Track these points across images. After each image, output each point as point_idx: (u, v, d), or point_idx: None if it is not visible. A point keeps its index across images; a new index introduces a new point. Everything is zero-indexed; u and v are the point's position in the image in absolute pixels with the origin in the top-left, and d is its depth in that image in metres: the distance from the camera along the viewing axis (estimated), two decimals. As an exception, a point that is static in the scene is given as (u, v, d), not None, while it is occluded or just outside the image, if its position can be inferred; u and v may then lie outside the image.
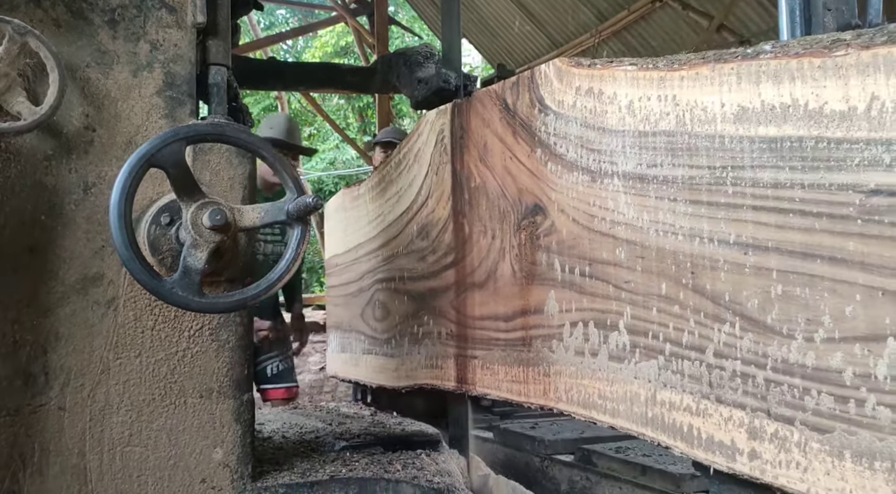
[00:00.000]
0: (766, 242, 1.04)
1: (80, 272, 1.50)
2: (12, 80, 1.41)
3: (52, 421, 1.45)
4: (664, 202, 1.20)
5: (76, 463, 1.46)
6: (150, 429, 1.52)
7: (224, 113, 1.68)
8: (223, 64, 1.70)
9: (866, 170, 0.92)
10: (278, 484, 1.61)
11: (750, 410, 1.07)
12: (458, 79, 2.07)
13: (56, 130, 1.50)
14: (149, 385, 1.53)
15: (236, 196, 1.62)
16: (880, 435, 0.90)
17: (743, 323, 1.07)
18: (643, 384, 1.24)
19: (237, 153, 1.63)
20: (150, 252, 1.50)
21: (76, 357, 1.48)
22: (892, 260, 0.90)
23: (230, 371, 1.60)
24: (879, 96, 0.90)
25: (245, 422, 1.60)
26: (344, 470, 1.72)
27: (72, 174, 1.51)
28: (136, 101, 1.57)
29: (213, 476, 1.56)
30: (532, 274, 1.52)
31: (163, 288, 1.36)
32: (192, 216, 1.41)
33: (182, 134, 1.39)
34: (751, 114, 1.06)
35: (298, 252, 1.48)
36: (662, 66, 1.21)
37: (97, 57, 1.55)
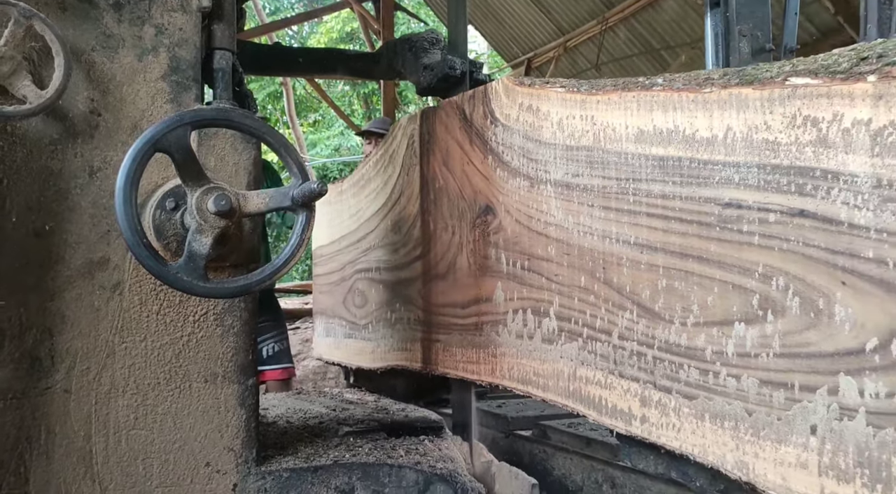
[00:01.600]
0: (655, 243, 1.25)
1: (85, 256, 1.50)
2: (18, 64, 1.41)
3: (58, 404, 1.46)
4: (584, 207, 1.41)
5: (82, 446, 1.47)
6: (155, 413, 1.53)
7: (229, 98, 1.68)
8: (228, 48, 1.69)
9: (722, 187, 1.12)
10: (282, 469, 1.62)
11: (642, 382, 1.28)
12: (463, 65, 2.06)
13: (62, 114, 1.49)
14: (154, 369, 1.54)
15: (241, 181, 1.62)
16: (728, 400, 1.12)
17: (639, 311, 1.28)
18: (566, 362, 1.46)
19: (242, 139, 1.62)
20: (156, 237, 1.50)
21: (82, 340, 1.49)
22: (738, 260, 1.11)
23: (235, 356, 1.61)
24: (732, 127, 1.11)
25: (249, 407, 1.61)
26: (347, 455, 1.74)
27: (77, 158, 1.51)
28: (142, 86, 1.57)
29: (218, 459, 1.57)
30: (484, 267, 1.71)
31: (168, 273, 1.37)
32: (197, 201, 1.41)
33: (187, 118, 1.39)
34: (646, 136, 1.26)
35: (303, 238, 1.48)
36: (584, 89, 1.41)
37: (102, 40, 1.54)
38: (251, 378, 1.63)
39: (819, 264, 1.00)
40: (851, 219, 0.95)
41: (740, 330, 1.11)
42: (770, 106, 1.06)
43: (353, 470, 1.66)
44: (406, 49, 2.29)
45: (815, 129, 1.00)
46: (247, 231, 1.62)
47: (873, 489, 0.92)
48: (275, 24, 10.13)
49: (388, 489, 1.67)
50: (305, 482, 1.62)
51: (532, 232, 1.55)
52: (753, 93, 1.08)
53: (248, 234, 1.62)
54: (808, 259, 1.01)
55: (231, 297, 1.58)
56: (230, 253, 1.58)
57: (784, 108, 1.04)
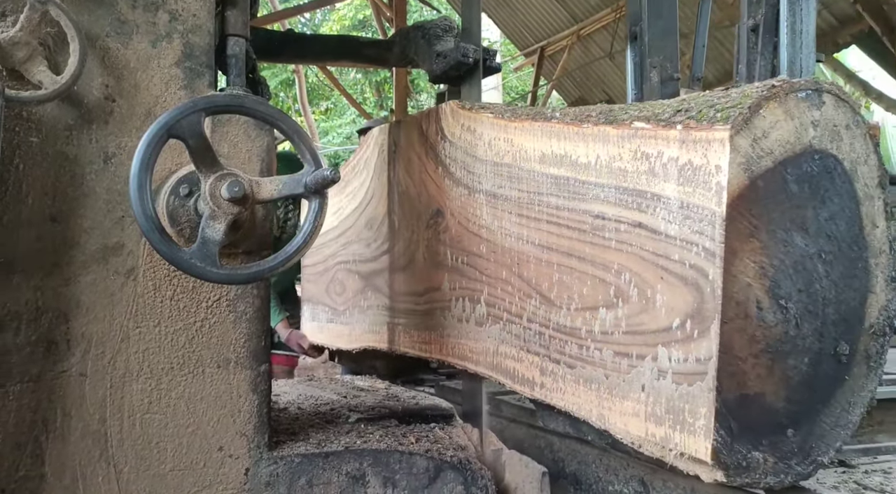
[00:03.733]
0: (552, 245, 1.53)
1: (100, 241, 1.51)
2: (33, 49, 1.41)
3: (73, 388, 1.48)
4: (505, 213, 1.67)
5: (97, 429, 1.49)
6: (168, 397, 1.55)
7: (242, 84, 1.68)
8: (242, 35, 1.69)
9: (594, 202, 1.41)
10: (294, 454, 1.63)
11: (541, 356, 1.56)
12: (476, 52, 2.04)
13: (77, 100, 1.50)
14: (167, 354, 1.55)
15: (254, 168, 1.63)
16: (594, 368, 1.42)
17: (541, 299, 1.56)
18: (491, 341, 1.73)
19: (255, 125, 1.63)
20: (169, 223, 1.51)
21: (97, 325, 1.50)
22: (602, 260, 1.40)
23: (247, 342, 1.62)
24: (600, 156, 1.40)
25: (262, 393, 1.63)
26: (358, 442, 1.75)
27: (92, 144, 1.52)
28: (156, 72, 1.57)
29: (231, 444, 1.59)
30: (435, 261, 1.96)
31: (182, 259, 1.37)
32: (210, 187, 1.42)
33: (201, 105, 1.39)
34: (546, 158, 1.54)
35: (316, 225, 1.48)
36: (507, 116, 1.68)
37: (116, 26, 1.55)
38: (263, 364, 1.64)
39: (649, 263, 1.29)
40: (667, 231, 1.25)
41: (603, 314, 1.40)
42: (622, 142, 1.35)
43: (364, 457, 1.67)
44: (419, 36, 2.28)
45: (647, 162, 1.29)
46: (259, 217, 1.62)
47: (675, 428, 1.24)
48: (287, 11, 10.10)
49: (399, 475, 1.68)
50: (317, 467, 1.63)
51: (469, 232, 1.81)
52: (613, 130, 1.37)
53: (261, 221, 1.63)
54: (642, 260, 1.30)
55: (244, 283, 1.59)
56: (243, 239, 1.58)
57: (630, 144, 1.33)
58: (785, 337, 1.21)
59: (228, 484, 1.57)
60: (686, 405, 1.20)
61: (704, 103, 1.24)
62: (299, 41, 2.86)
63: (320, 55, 3.00)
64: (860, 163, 1.26)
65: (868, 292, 1.29)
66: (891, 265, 1.31)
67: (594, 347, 1.41)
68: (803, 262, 1.22)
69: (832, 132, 1.24)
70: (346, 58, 2.90)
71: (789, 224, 1.21)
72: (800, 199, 1.21)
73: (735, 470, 1.19)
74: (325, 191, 1.49)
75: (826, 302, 1.25)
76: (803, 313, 1.22)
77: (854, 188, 1.26)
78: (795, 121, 1.20)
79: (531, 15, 10.56)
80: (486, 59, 2.07)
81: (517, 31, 10.91)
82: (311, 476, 1.62)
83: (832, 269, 1.25)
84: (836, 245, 1.25)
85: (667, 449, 1.26)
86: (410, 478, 1.68)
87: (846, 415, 1.28)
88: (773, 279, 1.19)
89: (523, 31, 10.84)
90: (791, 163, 1.20)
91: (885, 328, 1.31)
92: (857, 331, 1.29)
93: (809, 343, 1.24)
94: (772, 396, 1.21)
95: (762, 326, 1.19)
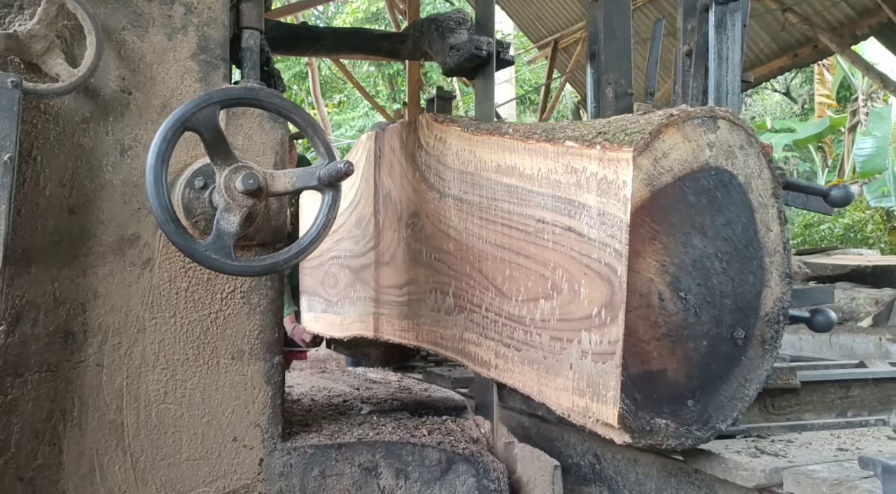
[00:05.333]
0: (505, 244, 1.72)
1: (116, 233, 1.53)
2: (51, 42, 1.42)
3: (90, 377, 1.50)
4: (469, 216, 1.85)
5: (114, 419, 1.51)
6: (184, 388, 1.56)
7: (257, 77, 1.68)
8: (256, 28, 1.70)
9: (537, 208, 1.60)
10: (307, 445, 1.64)
11: (496, 341, 1.75)
12: (490, 45, 2.03)
13: (93, 93, 1.51)
14: (183, 345, 1.56)
15: (269, 161, 1.63)
16: (536, 351, 1.61)
17: (496, 291, 1.75)
18: (458, 329, 1.91)
19: (270, 118, 1.63)
20: (185, 215, 1.52)
21: (113, 315, 1.52)
22: (543, 258, 1.58)
23: (261, 333, 1.63)
24: (541, 168, 1.59)
25: (275, 384, 1.64)
26: (371, 434, 1.75)
27: (109, 136, 1.53)
28: (171, 65, 1.58)
29: (245, 434, 1.60)
30: (413, 257, 2.13)
31: (197, 251, 1.38)
32: (225, 180, 1.42)
33: (216, 98, 1.40)
34: (501, 169, 1.73)
35: (329, 217, 1.49)
36: (471, 130, 1.87)
37: (133, 19, 1.56)
38: (277, 355, 1.65)
39: (576, 262, 1.49)
40: (589, 234, 1.45)
41: (542, 304, 1.59)
42: (557, 157, 1.54)
43: (376, 448, 1.68)
44: (432, 29, 2.27)
45: (576, 175, 1.49)
46: (274, 210, 1.63)
47: (593, 399, 1.44)
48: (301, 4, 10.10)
49: (412, 467, 1.68)
50: (330, 458, 1.64)
51: (440, 232, 1.98)
52: (551, 147, 1.56)
53: (276, 213, 1.64)
54: (572, 258, 1.50)
55: (258, 275, 1.60)
56: (257, 231, 1.59)
57: (563, 160, 1.53)
58: (685, 323, 1.41)
59: (243, 474, 1.59)
60: (601, 380, 1.42)
61: (619, 127, 1.45)
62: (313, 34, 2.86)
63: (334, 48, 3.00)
64: (754, 177, 1.47)
65: (763, 286, 1.49)
66: (785, 263, 1.51)
67: (535, 333, 1.61)
68: (702, 261, 1.43)
69: (727, 151, 1.44)
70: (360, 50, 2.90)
71: (689, 229, 1.41)
72: (698, 208, 1.42)
73: (640, 434, 1.39)
74: (338, 184, 1.49)
75: (723, 295, 1.45)
76: (702, 303, 1.42)
77: (749, 198, 1.46)
78: (692, 143, 1.41)
79: (545, 7, 10.50)
80: (500, 51, 2.06)
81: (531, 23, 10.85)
82: (324, 467, 1.63)
83: (729, 267, 1.45)
84: (733, 246, 1.45)
85: (587, 417, 1.47)
86: (423, 470, 1.69)
87: (742, 390, 1.49)
88: (674, 275, 1.40)
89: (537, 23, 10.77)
90: (689, 178, 1.41)
91: (779, 316, 1.50)
92: (753, 319, 1.48)
93: (708, 328, 1.43)
94: (673, 372, 1.42)
95: (664, 314, 1.39)
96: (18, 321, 1.44)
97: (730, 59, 2.22)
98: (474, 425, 1.97)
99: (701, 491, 1.61)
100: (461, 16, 2.22)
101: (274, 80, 1.91)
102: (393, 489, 1.67)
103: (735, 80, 2.21)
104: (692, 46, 2.33)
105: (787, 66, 7.75)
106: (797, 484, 1.38)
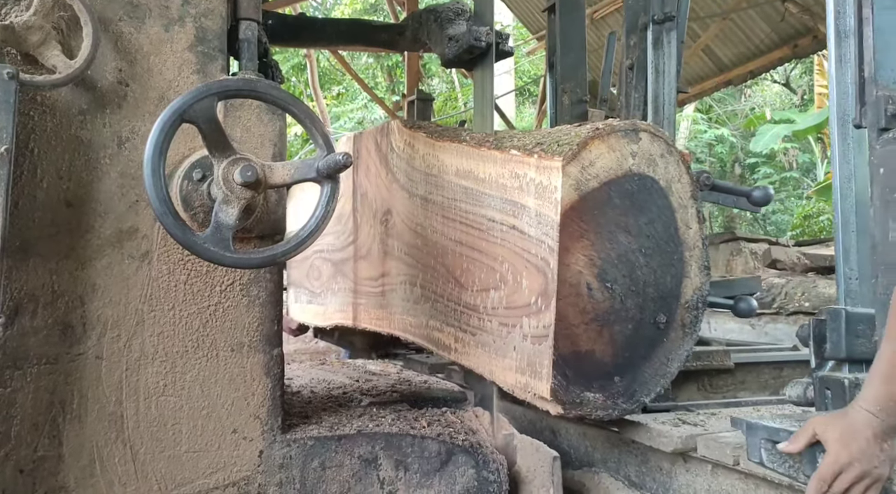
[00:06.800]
0: (463, 240, 1.89)
1: (114, 225, 1.52)
2: (47, 33, 1.41)
3: (89, 370, 1.50)
4: (434, 215, 2.02)
5: (113, 411, 1.51)
6: (183, 380, 1.56)
7: (254, 69, 1.68)
8: (254, 19, 1.68)
9: (488, 208, 1.78)
10: (307, 437, 1.64)
11: (455, 327, 1.92)
12: (489, 36, 2.03)
13: (90, 84, 1.50)
14: (182, 337, 1.56)
15: (267, 153, 1.63)
16: (487, 335, 1.78)
17: (455, 283, 1.92)
18: (424, 317, 2.07)
19: (268, 110, 1.62)
20: (183, 207, 1.51)
21: (112, 308, 1.52)
22: (493, 253, 1.75)
23: (260, 326, 1.63)
24: (491, 173, 1.78)
25: (275, 376, 1.64)
26: (371, 425, 1.76)
27: (106, 128, 1.52)
28: (168, 56, 1.57)
29: (245, 426, 1.60)
30: (386, 252, 2.30)
31: (195, 243, 1.38)
32: (223, 172, 1.42)
33: (214, 89, 1.39)
34: (459, 172, 1.91)
35: (328, 209, 1.49)
36: (435, 136, 2.04)
37: (129, 10, 1.55)
38: (276, 347, 1.65)
39: (519, 256, 1.65)
40: (529, 232, 1.62)
41: (493, 294, 1.75)
42: (504, 164, 1.72)
43: (376, 440, 1.68)
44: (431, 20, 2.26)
45: (518, 180, 1.66)
46: (273, 202, 1.62)
47: (531, 376, 1.62)
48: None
49: (411, 459, 1.69)
50: (329, 450, 1.64)
51: (409, 229, 2.14)
52: (499, 154, 1.75)
53: (274, 205, 1.63)
54: (516, 253, 1.67)
55: (257, 268, 1.59)
56: (256, 224, 1.59)
57: (509, 166, 1.70)
58: (611, 309, 1.60)
59: (242, 466, 1.59)
60: (537, 359, 1.59)
61: (554, 139, 1.63)
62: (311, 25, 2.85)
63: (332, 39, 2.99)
64: (674, 181, 1.66)
65: (684, 277, 1.68)
66: (703, 256, 1.69)
67: (487, 319, 1.78)
68: (627, 255, 1.61)
69: (649, 160, 1.63)
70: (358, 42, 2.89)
71: (614, 227, 1.59)
72: (623, 209, 1.60)
73: (570, 405, 1.59)
74: (337, 176, 1.48)
75: (647, 284, 1.63)
76: (627, 292, 1.61)
77: (669, 200, 1.65)
78: (617, 153, 1.59)
79: (544, -2, 10.45)
80: (499, 42, 2.05)
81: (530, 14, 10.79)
82: (323, 458, 1.64)
83: (652, 260, 1.63)
84: (655, 242, 1.64)
85: (527, 392, 1.64)
86: (422, 461, 1.69)
87: (665, 367, 1.68)
88: (601, 267, 1.59)
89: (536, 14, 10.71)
90: (614, 183, 1.59)
91: (698, 303, 1.69)
92: (675, 306, 1.67)
93: (632, 314, 1.62)
94: (601, 353, 1.61)
95: (592, 302, 1.58)
96: (17, 313, 1.44)
97: (666, 72, 2.45)
98: (474, 417, 1.98)
99: (637, 459, 1.85)
100: (460, 6, 2.21)
101: (272, 71, 1.90)
102: (392, 480, 1.67)
103: (671, 91, 2.44)
104: (634, 61, 2.55)
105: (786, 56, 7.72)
106: (707, 448, 1.62)
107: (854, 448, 1.12)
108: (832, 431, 1.16)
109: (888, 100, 1.33)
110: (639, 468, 1.85)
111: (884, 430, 1.12)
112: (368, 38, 2.81)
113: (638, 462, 1.86)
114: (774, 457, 1.29)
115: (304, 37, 2.83)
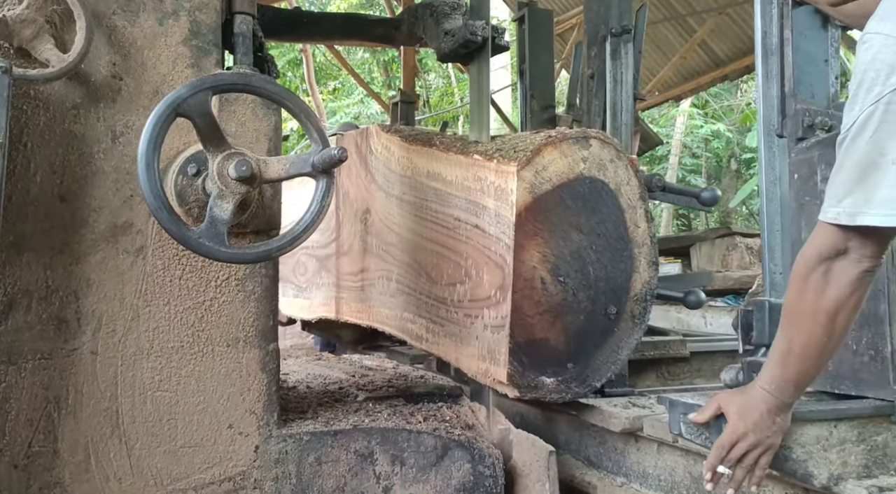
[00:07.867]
0: (433, 238, 1.99)
1: (109, 220, 1.52)
2: (40, 27, 1.41)
3: (84, 365, 1.49)
4: (408, 214, 2.12)
5: (108, 406, 1.51)
6: (179, 375, 1.56)
7: (250, 63, 1.67)
8: (249, 13, 1.68)
9: (455, 208, 1.89)
10: (303, 432, 1.64)
11: (426, 319, 2.03)
12: (485, 30, 2.02)
13: (84, 78, 1.50)
14: (177, 332, 1.56)
15: (262, 147, 1.62)
16: (454, 326, 1.89)
17: (426, 277, 2.02)
18: (399, 309, 2.17)
19: (263, 104, 1.62)
20: (178, 202, 1.51)
21: (107, 303, 1.51)
22: (459, 249, 1.87)
23: (256, 321, 1.62)
24: (457, 176, 1.89)
25: (270, 371, 1.64)
26: (366, 420, 1.76)
27: (100, 123, 1.52)
28: (163, 50, 1.57)
29: (240, 421, 1.60)
30: (366, 249, 2.41)
31: (190, 238, 1.37)
32: (218, 167, 1.41)
33: (208, 83, 1.38)
34: (431, 175, 2.01)
35: (323, 204, 1.48)
36: (409, 139, 2.15)
37: (123, 4, 1.54)
38: (272, 343, 1.65)
39: (481, 253, 1.77)
40: (489, 230, 1.74)
41: (459, 287, 1.87)
42: (468, 167, 1.84)
43: (372, 435, 1.68)
44: (427, 14, 2.25)
45: (480, 183, 1.79)
46: (268, 197, 1.62)
47: (491, 363, 1.73)
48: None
49: (407, 454, 1.69)
50: (325, 445, 1.64)
51: (387, 227, 2.25)
52: (464, 158, 1.86)
53: (270, 200, 1.63)
54: (478, 250, 1.78)
55: (252, 263, 1.59)
56: (252, 219, 1.58)
57: (472, 170, 1.82)
58: (564, 302, 1.72)
59: (238, 461, 1.59)
60: (496, 347, 1.71)
61: (512, 145, 1.76)
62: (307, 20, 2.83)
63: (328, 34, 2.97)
64: (623, 184, 1.78)
65: (633, 272, 1.79)
66: (652, 253, 1.81)
67: (454, 311, 1.89)
68: (579, 252, 1.73)
69: (599, 164, 1.75)
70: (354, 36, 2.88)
71: (567, 226, 1.72)
72: (575, 210, 1.72)
73: (526, 389, 1.71)
74: (332, 171, 1.48)
75: (598, 279, 1.76)
76: (579, 286, 1.74)
77: (619, 201, 1.77)
78: (568, 158, 1.72)
79: (540, -7, 10.42)
80: (495, 37, 2.04)
81: (526, 9, 10.78)
82: (319, 453, 1.64)
83: (602, 256, 1.76)
84: (606, 240, 1.76)
85: (488, 377, 1.77)
86: (418, 456, 1.69)
87: (615, 355, 1.80)
88: (554, 263, 1.71)
89: (532, 9, 10.70)
90: (566, 186, 1.71)
91: (646, 296, 1.81)
92: (624, 298, 1.79)
93: (584, 306, 1.75)
94: (554, 341, 1.73)
95: (546, 295, 1.70)
96: (11, 309, 1.43)
97: (623, 81, 2.62)
98: (470, 412, 1.98)
99: (595, 440, 2.01)
100: (456, 1, 2.20)
101: (267, 65, 1.89)
102: (388, 475, 1.67)
103: (628, 99, 2.61)
104: (594, 70, 2.71)
105: (783, 52, 7.72)
106: (652, 428, 1.73)
107: (750, 421, 1.27)
108: (733, 405, 1.31)
109: (805, 112, 1.51)
110: (596, 449, 2.01)
111: (777, 406, 1.26)
112: (364, 32, 2.79)
113: (596, 444, 2.01)
114: (691, 429, 1.43)
115: (299, 31, 2.81)
